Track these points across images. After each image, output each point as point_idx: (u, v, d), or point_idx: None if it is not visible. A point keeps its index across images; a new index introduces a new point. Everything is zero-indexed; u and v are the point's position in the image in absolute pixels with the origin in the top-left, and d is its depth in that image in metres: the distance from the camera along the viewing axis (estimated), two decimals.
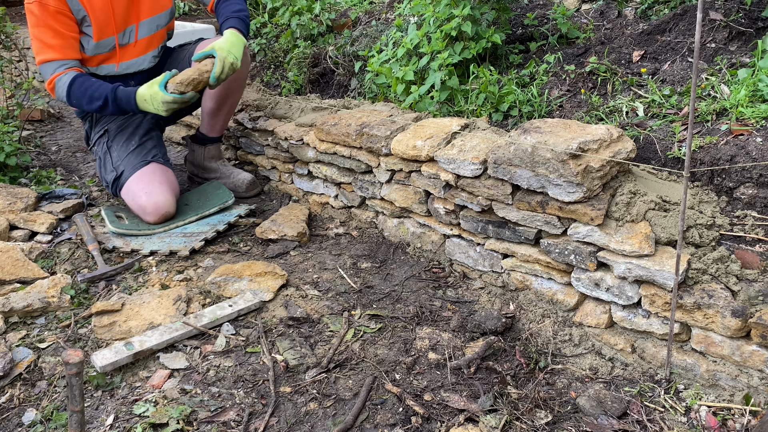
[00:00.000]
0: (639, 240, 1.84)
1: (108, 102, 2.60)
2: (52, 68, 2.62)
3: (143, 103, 2.56)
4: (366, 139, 2.54)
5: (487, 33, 2.77)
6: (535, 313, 2.14)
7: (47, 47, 2.60)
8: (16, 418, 1.78)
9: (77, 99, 2.63)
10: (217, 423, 1.75)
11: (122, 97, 2.61)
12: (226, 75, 2.56)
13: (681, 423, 1.72)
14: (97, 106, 2.62)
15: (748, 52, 2.48)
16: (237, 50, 2.59)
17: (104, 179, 2.89)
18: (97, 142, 2.93)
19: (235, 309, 2.18)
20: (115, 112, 2.66)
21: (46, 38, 2.59)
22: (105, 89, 2.60)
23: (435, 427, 1.73)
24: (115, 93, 2.60)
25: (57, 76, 2.62)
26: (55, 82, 2.63)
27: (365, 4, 4.04)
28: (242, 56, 2.68)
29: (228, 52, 2.55)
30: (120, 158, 2.82)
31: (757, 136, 2.04)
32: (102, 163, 2.89)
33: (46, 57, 2.61)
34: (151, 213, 2.72)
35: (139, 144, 2.85)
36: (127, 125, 2.90)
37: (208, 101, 2.99)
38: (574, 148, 1.91)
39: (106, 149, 2.87)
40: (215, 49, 2.55)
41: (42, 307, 2.21)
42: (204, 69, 2.53)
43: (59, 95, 2.65)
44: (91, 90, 2.61)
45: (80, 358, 1.36)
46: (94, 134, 2.95)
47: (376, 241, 2.67)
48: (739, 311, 1.67)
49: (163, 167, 2.84)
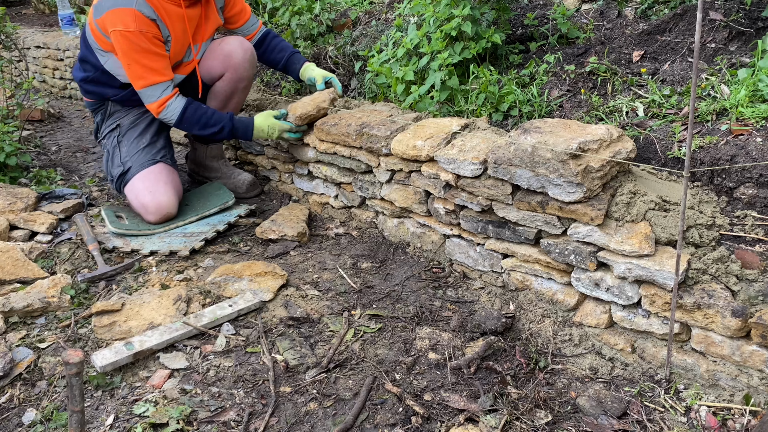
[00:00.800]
0: (639, 240, 1.84)
1: (224, 130, 2.77)
2: (159, 90, 2.67)
3: (260, 132, 2.79)
4: (366, 139, 2.54)
5: (487, 33, 2.77)
6: (535, 313, 2.13)
7: (152, 71, 2.64)
8: (16, 418, 1.78)
9: (189, 124, 2.74)
10: (217, 423, 1.75)
11: (239, 127, 2.79)
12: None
13: (681, 423, 1.72)
14: (211, 132, 2.77)
15: (748, 52, 2.48)
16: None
17: (110, 173, 2.89)
18: (107, 135, 2.95)
19: (235, 309, 2.18)
20: (226, 138, 2.83)
21: (149, 62, 2.62)
22: (221, 118, 2.77)
23: (435, 427, 1.73)
24: (233, 123, 2.78)
25: (168, 99, 2.69)
26: (167, 105, 2.69)
27: (365, 4, 4.04)
28: (249, 59, 2.89)
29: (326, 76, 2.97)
30: (129, 154, 2.83)
31: (757, 136, 2.04)
32: (110, 156, 2.90)
33: (152, 80, 2.64)
34: (153, 212, 2.72)
35: (149, 143, 2.87)
36: (139, 121, 2.92)
37: (212, 101, 3.01)
38: (574, 148, 1.91)
39: (116, 143, 2.89)
40: (327, 76, 2.98)
41: (42, 307, 2.21)
42: (321, 104, 2.81)
43: (168, 117, 2.72)
44: (205, 118, 2.74)
45: (80, 358, 1.36)
46: (105, 127, 2.96)
47: (376, 241, 2.67)
48: (739, 311, 1.67)
49: (169, 168, 2.85)
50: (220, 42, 2.95)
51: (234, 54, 2.92)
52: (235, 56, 2.92)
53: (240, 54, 2.92)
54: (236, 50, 2.92)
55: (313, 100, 2.84)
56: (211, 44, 2.96)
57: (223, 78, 2.94)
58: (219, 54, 2.92)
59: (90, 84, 2.88)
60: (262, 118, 2.78)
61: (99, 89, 2.88)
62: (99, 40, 2.70)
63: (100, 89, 2.88)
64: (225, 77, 2.94)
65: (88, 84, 2.89)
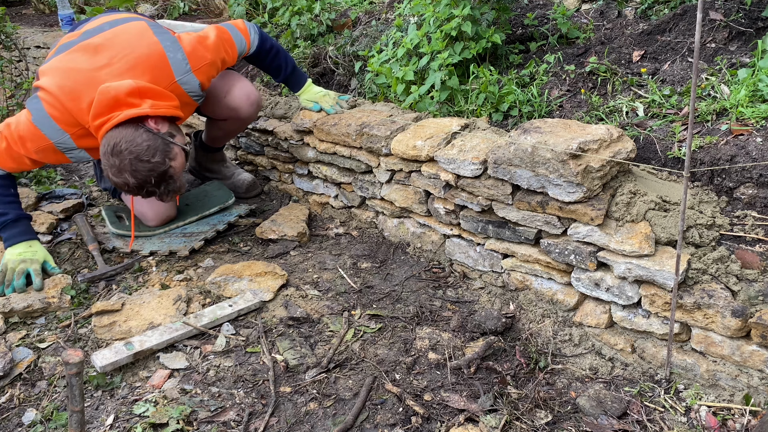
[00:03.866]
0: (639, 240, 1.84)
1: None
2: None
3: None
4: (366, 139, 2.54)
5: (487, 33, 2.77)
6: (535, 313, 2.13)
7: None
8: (16, 418, 1.78)
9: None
10: (217, 423, 1.75)
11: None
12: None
13: (681, 423, 1.72)
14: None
15: (748, 52, 2.48)
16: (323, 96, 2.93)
17: (103, 181, 2.86)
18: None
19: (235, 309, 2.18)
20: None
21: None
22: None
23: (435, 427, 1.73)
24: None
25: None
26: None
27: (365, 4, 4.04)
28: (256, 110, 2.80)
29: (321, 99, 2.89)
30: None
31: (757, 136, 2.04)
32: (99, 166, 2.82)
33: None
34: (152, 218, 2.72)
35: None
36: None
37: (214, 130, 2.92)
38: (574, 148, 1.91)
39: None
40: (316, 105, 2.86)
41: (42, 307, 2.21)
42: None
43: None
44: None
45: (80, 358, 1.36)
46: None
47: (376, 241, 2.67)
48: (739, 311, 1.67)
49: None
50: (226, 93, 2.72)
51: (241, 109, 2.75)
52: (242, 111, 2.75)
53: (246, 109, 2.76)
54: (242, 106, 2.74)
55: None
56: (215, 88, 2.69)
57: (228, 120, 2.83)
58: (224, 107, 2.74)
59: None
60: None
61: None
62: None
63: None
64: (230, 120, 2.83)
65: None
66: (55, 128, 2.27)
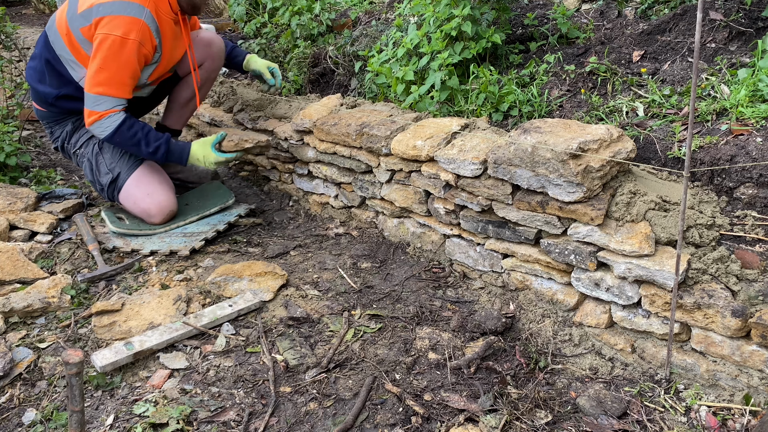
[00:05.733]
0: (639, 240, 1.84)
1: (159, 151, 2.65)
2: (110, 104, 2.53)
3: (195, 160, 2.73)
4: (366, 139, 2.54)
5: (487, 33, 2.77)
6: (535, 313, 2.13)
7: (117, 84, 2.52)
8: (16, 418, 1.78)
9: (122, 139, 2.59)
10: (217, 423, 1.75)
11: (175, 151, 2.70)
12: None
13: (681, 423, 1.72)
14: (146, 151, 2.64)
15: (748, 52, 2.48)
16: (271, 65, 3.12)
17: (98, 182, 2.80)
18: (84, 144, 2.82)
19: (235, 309, 2.18)
20: (160, 160, 2.71)
21: (122, 76, 2.52)
22: (158, 138, 2.64)
23: (435, 427, 1.73)
24: (169, 146, 2.67)
25: (111, 112, 2.54)
26: (105, 117, 2.53)
27: (365, 4, 4.04)
28: (223, 47, 3.03)
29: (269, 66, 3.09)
30: (114, 159, 2.75)
31: (757, 136, 2.04)
32: (94, 165, 2.79)
33: (110, 91, 2.52)
34: (156, 215, 2.72)
35: None
36: None
37: (183, 90, 3.04)
38: (574, 148, 1.91)
39: (97, 150, 2.78)
40: (270, 66, 3.09)
41: (42, 307, 2.21)
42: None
43: (101, 130, 2.56)
44: (140, 135, 2.60)
45: (80, 358, 1.36)
46: (79, 136, 2.83)
47: (376, 241, 2.67)
48: (739, 311, 1.67)
49: (155, 164, 2.81)
50: (197, 33, 3.01)
51: (213, 43, 3.01)
52: (214, 45, 3.02)
53: (218, 43, 3.03)
54: (214, 39, 3.00)
55: (325, 105, 2.86)
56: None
57: (203, 67, 3.00)
58: (199, 43, 2.97)
59: (66, 101, 2.73)
60: (198, 145, 2.72)
61: (76, 105, 2.70)
62: (75, 51, 2.58)
63: (77, 105, 2.67)
64: (204, 66, 3.00)
65: (64, 101, 2.73)
66: (135, 6, 2.50)
